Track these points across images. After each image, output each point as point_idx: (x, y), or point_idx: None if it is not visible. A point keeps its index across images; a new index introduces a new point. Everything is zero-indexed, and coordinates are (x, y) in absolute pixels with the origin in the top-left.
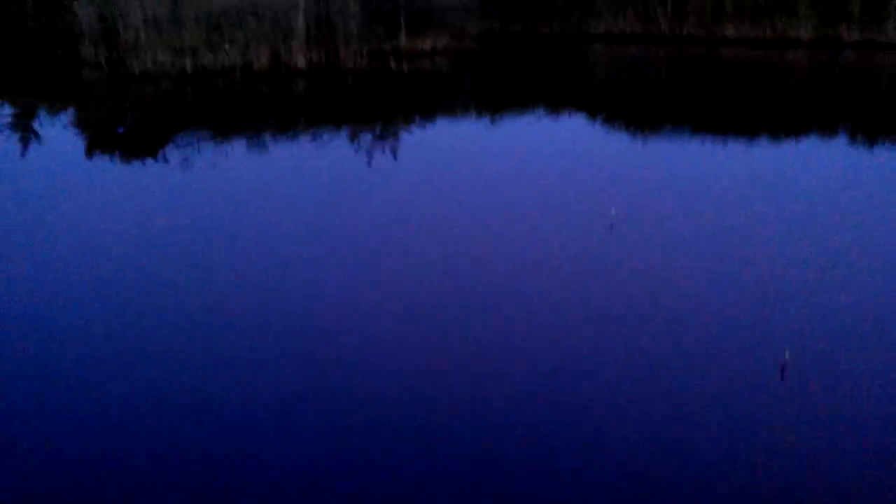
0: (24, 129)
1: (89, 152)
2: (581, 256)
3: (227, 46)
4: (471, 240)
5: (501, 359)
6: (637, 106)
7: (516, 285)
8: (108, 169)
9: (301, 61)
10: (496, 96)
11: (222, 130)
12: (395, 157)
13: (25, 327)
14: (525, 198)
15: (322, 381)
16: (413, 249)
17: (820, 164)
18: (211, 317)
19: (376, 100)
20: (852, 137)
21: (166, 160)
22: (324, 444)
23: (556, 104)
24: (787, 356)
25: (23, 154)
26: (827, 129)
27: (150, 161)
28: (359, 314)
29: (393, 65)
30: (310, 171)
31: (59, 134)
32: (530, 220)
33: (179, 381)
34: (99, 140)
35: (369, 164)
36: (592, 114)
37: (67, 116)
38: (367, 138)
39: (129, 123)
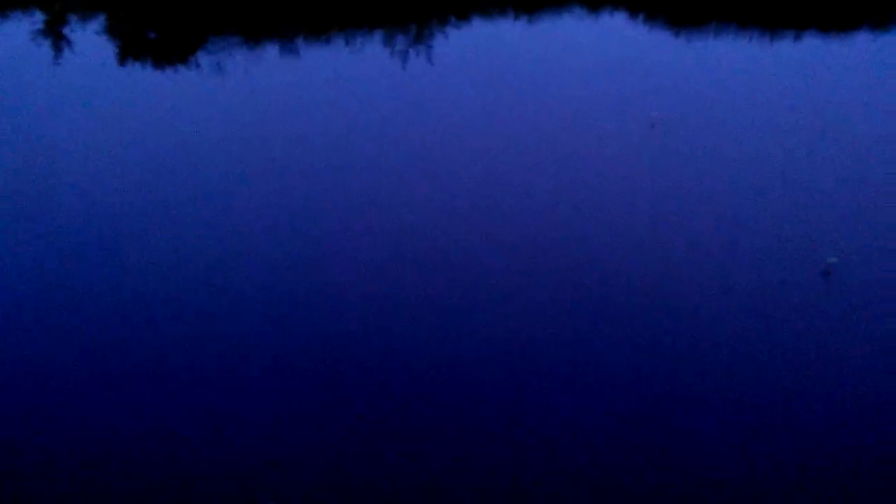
0: (57, 35)
1: (122, 59)
2: (621, 157)
3: None
4: (512, 140)
5: (543, 253)
6: (680, 1)
7: (555, 182)
8: (141, 77)
9: None
10: None
11: (254, 35)
12: (430, 61)
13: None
14: (566, 99)
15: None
16: (453, 153)
17: (874, 60)
18: (242, 222)
19: (410, 0)
20: None
21: (198, 66)
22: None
23: (595, 1)
24: (831, 261)
25: (56, 61)
26: (883, 20)
27: (181, 68)
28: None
29: None
30: (344, 77)
31: (90, 40)
32: (571, 121)
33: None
34: (131, 46)
35: (404, 68)
36: (634, 11)
37: (99, 22)
38: (402, 41)
39: (161, 29)
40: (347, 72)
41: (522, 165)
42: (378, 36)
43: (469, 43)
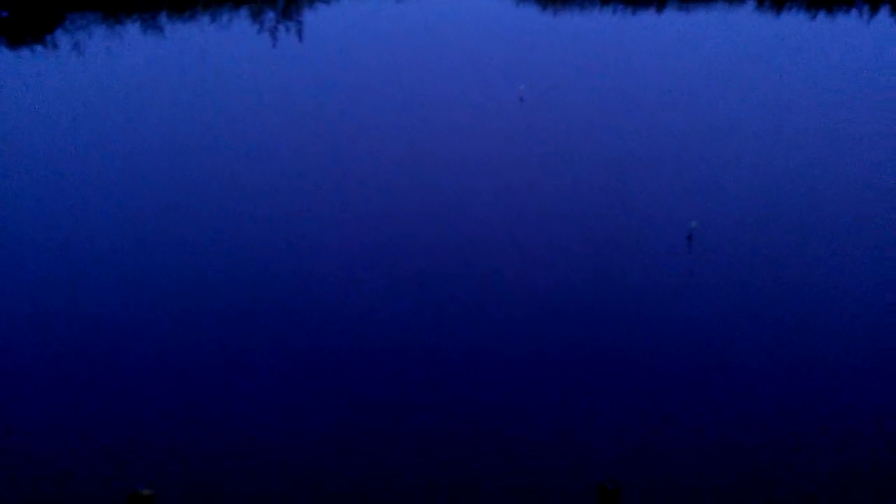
0: None
1: None
2: (490, 130)
3: None
4: (380, 113)
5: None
6: None
7: (424, 156)
8: None
9: None
10: None
11: (114, 11)
12: (299, 38)
13: None
14: (434, 73)
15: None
16: (320, 129)
17: (731, 30)
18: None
19: None
20: (760, 3)
21: (56, 45)
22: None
23: None
24: (693, 225)
25: None
26: None
27: (38, 48)
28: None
29: None
30: (210, 55)
31: None
32: (440, 95)
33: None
34: None
35: (274, 45)
36: None
37: None
38: (269, 17)
39: (14, 7)
40: (212, 49)
41: (390, 137)
42: (244, 11)
43: (338, 18)
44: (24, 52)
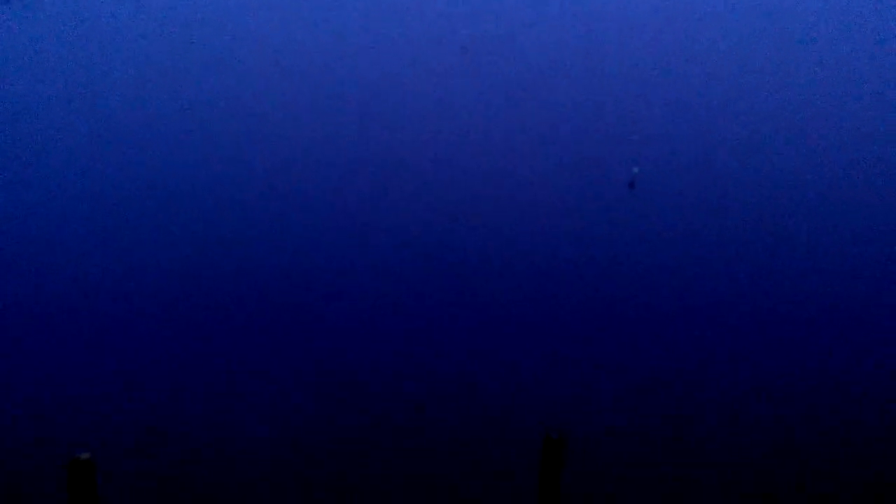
0: None
1: None
2: (427, 81)
3: None
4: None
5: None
6: None
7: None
8: None
9: None
10: None
11: None
12: None
13: None
14: (376, 31)
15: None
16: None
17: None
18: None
19: None
20: None
21: None
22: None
23: None
24: (635, 171)
25: None
26: None
27: None
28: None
29: None
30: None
31: None
32: (386, 49)
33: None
34: None
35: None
36: None
37: None
38: None
39: None
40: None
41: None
42: None
43: None
44: None
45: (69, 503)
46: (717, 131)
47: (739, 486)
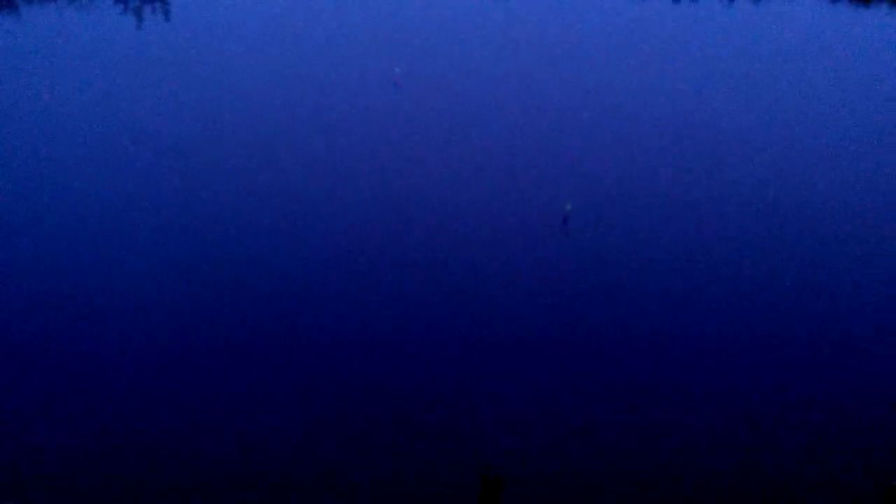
0: None
1: None
2: (367, 114)
3: None
4: (248, 97)
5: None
6: None
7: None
8: None
9: None
10: None
11: None
12: (165, 17)
13: None
14: (304, 54)
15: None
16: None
17: (604, 14)
18: None
19: None
20: None
21: None
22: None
23: None
24: (568, 207)
25: None
26: None
27: None
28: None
29: None
30: (71, 37)
31: None
32: (316, 76)
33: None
34: None
35: (139, 26)
36: None
37: None
38: None
39: None
40: (76, 31)
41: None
42: None
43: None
44: None
45: None
46: (649, 166)
47: None
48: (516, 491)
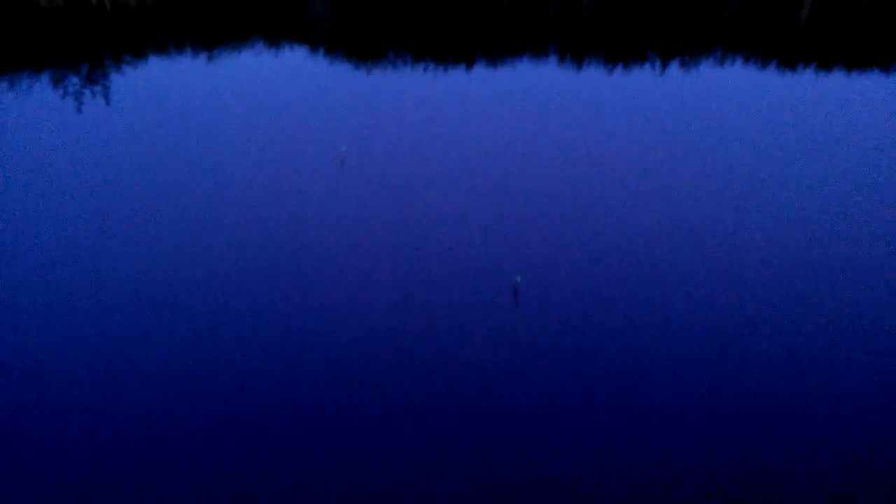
0: None
1: None
2: (315, 193)
3: None
4: (195, 182)
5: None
6: (358, 36)
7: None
8: None
9: None
10: (211, 31)
11: None
12: (107, 101)
13: None
14: (252, 135)
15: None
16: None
17: (550, 83)
18: None
19: (80, 39)
20: (561, 59)
21: None
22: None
23: (273, 36)
24: (518, 280)
25: None
26: (541, 49)
27: None
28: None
29: (94, 1)
30: (10, 119)
31: None
32: (262, 158)
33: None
34: None
35: (79, 109)
36: (313, 46)
37: None
38: (74, 81)
39: None
40: (12, 114)
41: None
42: (47, 76)
43: (147, 81)
44: None
45: None
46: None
47: None
48: None
